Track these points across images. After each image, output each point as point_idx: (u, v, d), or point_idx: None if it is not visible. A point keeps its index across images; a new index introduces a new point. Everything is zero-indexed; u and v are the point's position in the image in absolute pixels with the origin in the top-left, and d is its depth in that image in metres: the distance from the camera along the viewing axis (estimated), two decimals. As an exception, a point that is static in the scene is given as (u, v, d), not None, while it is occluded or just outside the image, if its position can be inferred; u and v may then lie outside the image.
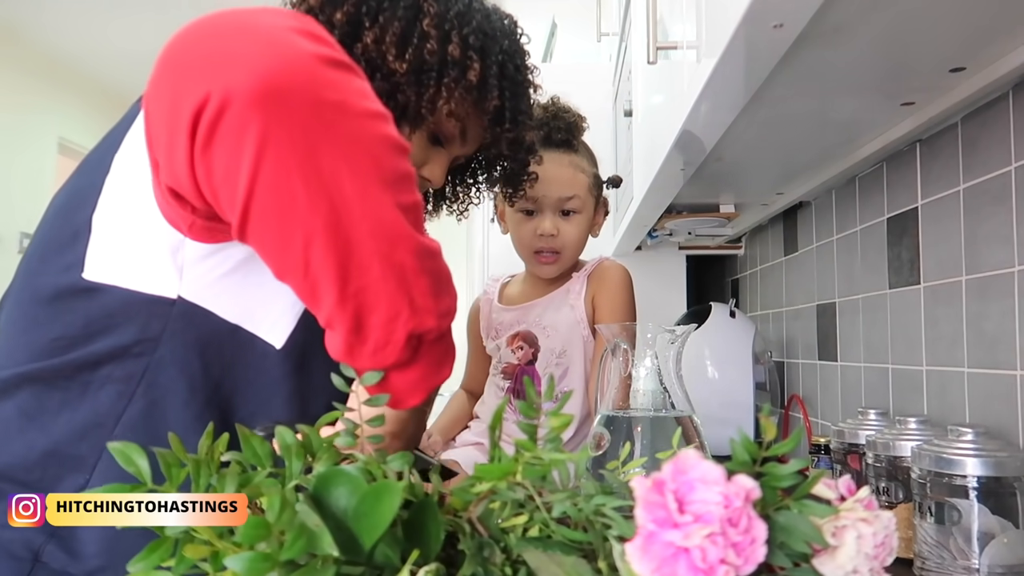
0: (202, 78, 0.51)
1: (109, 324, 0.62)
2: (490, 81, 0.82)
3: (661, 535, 0.35)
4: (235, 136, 0.50)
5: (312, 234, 0.53)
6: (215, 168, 0.52)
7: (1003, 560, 0.71)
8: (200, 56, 0.53)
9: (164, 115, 0.54)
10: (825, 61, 0.80)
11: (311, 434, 0.45)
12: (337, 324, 0.57)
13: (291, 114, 0.51)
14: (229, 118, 0.50)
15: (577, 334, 1.35)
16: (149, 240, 0.62)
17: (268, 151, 0.51)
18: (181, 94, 0.52)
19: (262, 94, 0.50)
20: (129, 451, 0.42)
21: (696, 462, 0.37)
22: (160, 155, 0.55)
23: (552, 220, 1.33)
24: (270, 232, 0.54)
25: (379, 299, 0.56)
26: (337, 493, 0.38)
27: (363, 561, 0.37)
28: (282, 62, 0.51)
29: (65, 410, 0.62)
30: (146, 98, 0.58)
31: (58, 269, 0.64)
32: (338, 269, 0.54)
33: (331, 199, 0.53)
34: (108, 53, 4.68)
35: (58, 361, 0.62)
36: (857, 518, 0.41)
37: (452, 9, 0.79)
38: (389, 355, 0.58)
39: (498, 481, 0.41)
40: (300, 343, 0.67)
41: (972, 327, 0.95)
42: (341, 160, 0.53)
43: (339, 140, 0.53)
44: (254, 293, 0.65)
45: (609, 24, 2.17)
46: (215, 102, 0.50)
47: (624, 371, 0.83)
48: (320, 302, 0.56)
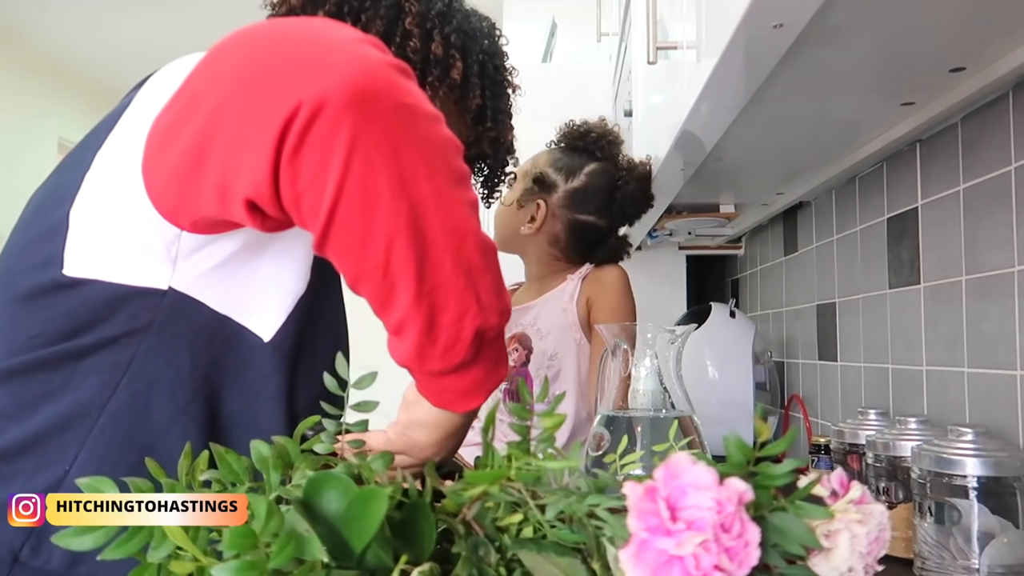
0: (290, 88, 0.53)
1: (94, 318, 0.62)
2: (472, 80, 0.83)
3: (654, 543, 0.35)
4: (326, 140, 0.52)
5: (395, 232, 0.55)
6: (302, 173, 0.53)
7: (1003, 560, 0.71)
8: (282, 67, 0.55)
9: (242, 125, 0.55)
10: (825, 61, 0.80)
11: (288, 444, 0.45)
12: (410, 324, 0.58)
13: (377, 117, 0.53)
14: (321, 123, 0.52)
15: (569, 337, 1.36)
16: (138, 233, 0.62)
17: (358, 152, 0.53)
18: (265, 105, 0.53)
19: (352, 99, 0.52)
20: (98, 484, 0.42)
21: (688, 466, 0.37)
22: (236, 165, 0.55)
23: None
24: (355, 231, 0.55)
25: (450, 296, 0.57)
26: (328, 497, 0.38)
27: (353, 565, 0.37)
28: (366, 70, 0.54)
29: (47, 401, 0.62)
30: (201, 106, 0.58)
31: (35, 266, 0.64)
32: (416, 267, 0.56)
33: (411, 198, 0.55)
34: (108, 53, 4.68)
35: (41, 354, 0.62)
36: (851, 520, 0.41)
37: (433, 9, 0.81)
38: (457, 354, 0.59)
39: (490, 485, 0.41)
40: (289, 337, 0.67)
41: (972, 327, 0.95)
42: (419, 160, 0.55)
43: (415, 141, 0.55)
44: (244, 285, 0.65)
45: (609, 24, 2.17)
46: (307, 109, 0.51)
47: (624, 371, 0.83)
48: (395, 303, 0.57)
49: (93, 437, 0.61)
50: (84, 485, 0.42)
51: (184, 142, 0.58)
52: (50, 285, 0.62)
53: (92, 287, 0.62)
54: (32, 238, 0.65)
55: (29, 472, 0.61)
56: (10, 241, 0.69)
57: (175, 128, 0.60)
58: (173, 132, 0.60)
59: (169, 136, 0.60)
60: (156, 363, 0.63)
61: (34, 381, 0.62)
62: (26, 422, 0.62)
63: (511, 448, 0.44)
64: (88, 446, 0.61)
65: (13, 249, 0.67)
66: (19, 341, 0.63)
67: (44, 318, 0.63)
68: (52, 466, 0.61)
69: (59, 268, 0.62)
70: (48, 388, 0.62)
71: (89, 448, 0.61)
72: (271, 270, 0.66)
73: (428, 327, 0.58)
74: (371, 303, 0.59)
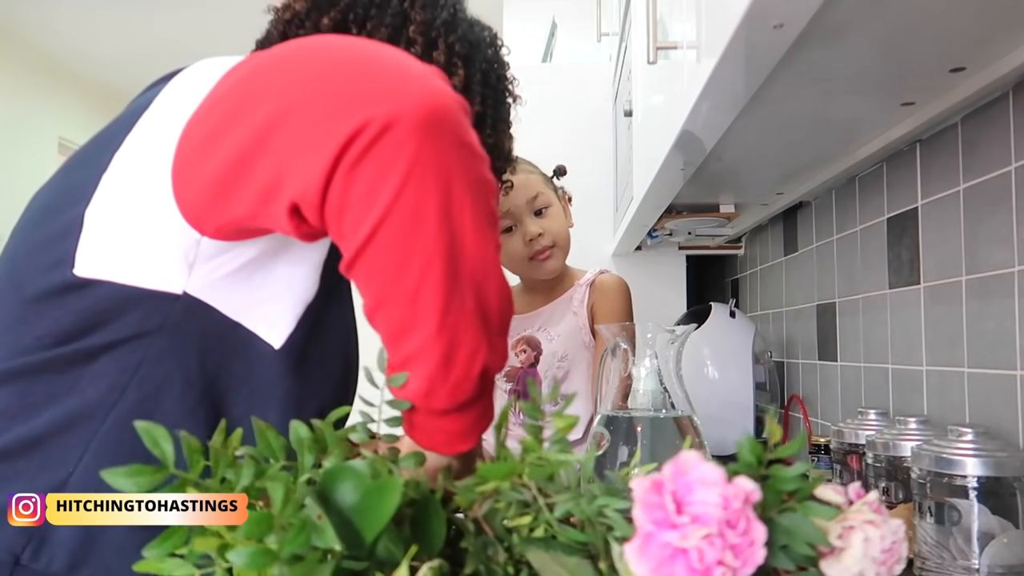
0: (363, 103, 0.54)
1: (103, 319, 0.62)
2: (473, 88, 0.84)
3: (659, 536, 0.35)
4: (389, 156, 0.53)
5: (432, 259, 0.55)
6: (356, 185, 0.53)
7: (1003, 560, 0.71)
8: (357, 86, 0.56)
9: (304, 132, 0.55)
10: (825, 61, 0.80)
11: (324, 429, 0.45)
12: (427, 356, 0.57)
13: (440, 145, 0.54)
14: (388, 140, 0.53)
15: (579, 339, 1.38)
16: (157, 236, 0.62)
17: (415, 174, 0.53)
18: (334, 115, 0.54)
19: (421, 123, 0.53)
20: (156, 434, 0.42)
21: (696, 464, 0.37)
22: (290, 169, 0.55)
23: (532, 222, 1.40)
24: (395, 251, 0.55)
25: (468, 333, 0.57)
26: (343, 488, 0.38)
27: (365, 556, 0.37)
28: (437, 99, 0.55)
29: (51, 403, 0.62)
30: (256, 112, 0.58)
31: (45, 266, 0.63)
32: (446, 297, 0.56)
33: (453, 229, 0.55)
34: (108, 53, 4.68)
35: (47, 355, 0.62)
36: (864, 520, 0.41)
37: (438, 18, 0.81)
38: (465, 391, 0.59)
39: (502, 481, 0.42)
40: (298, 345, 0.67)
41: (972, 327, 0.95)
42: (466, 195, 0.56)
43: (467, 177, 0.56)
44: (257, 292, 0.65)
45: (609, 24, 2.17)
46: (377, 124, 0.52)
47: (624, 371, 0.83)
48: (416, 332, 0.56)
49: (99, 439, 0.61)
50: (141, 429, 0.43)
51: (232, 143, 0.58)
52: (60, 285, 0.62)
53: (103, 288, 0.62)
54: (42, 239, 0.65)
55: (32, 473, 0.61)
56: (15, 242, 0.69)
57: (220, 130, 0.60)
58: (218, 134, 0.60)
59: (212, 138, 0.60)
60: (165, 367, 0.63)
61: (39, 382, 0.62)
62: (29, 422, 0.61)
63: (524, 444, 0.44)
64: (93, 448, 0.61)
65: (20, 250, 0.67)
66: (26, 341, 0.63)
67: (53, 318, 0.62)
68: (55, 468, 0.61)
69: (70, 268, 0.62)
70: (54, 389, 0.62)
71: (94, 450, 0.61)
72: (284, 277, 0.66)
73: (446, 360, 0.57)
74: (388, 330, 0.58)
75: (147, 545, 0.41)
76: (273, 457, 0.44)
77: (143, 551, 0.41)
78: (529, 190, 1.38)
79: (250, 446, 0.45)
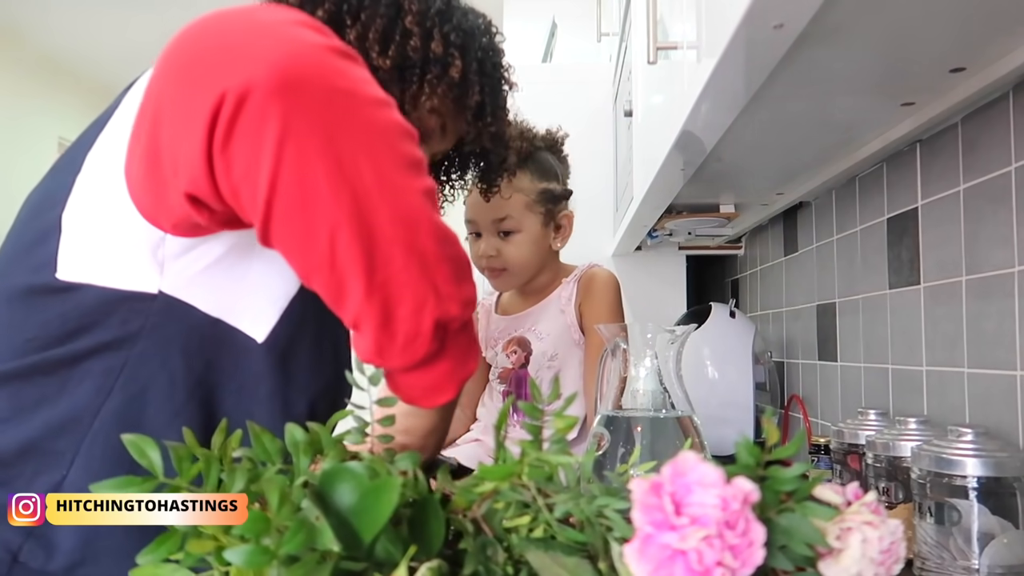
0: (216, 77, 0.51)
1: (87, 322, 0.62)
2: (471, 77, 0.83)
3: (658, 537, 0.35)
4: (255, 129, 0.50)
5: (337, 225, 0.53)
6: (235, 165, 0.52)
7: (1003, 560, 0.71)
8: (209, 56, 0.53)
9: (177, 119, 0.54)
10: (825, 61, 0.79)
11: (320, 432, 0.45)
12: (365, 320, 0.56)
13: (308, 103, 0.51)
14: (248, 112, 0.50)
15: (568, 338, 1.37)
16: (126, 237, 0.62)
17: (289, 141, 0.51)
18: (194, 96, 0.52)
19: (279, 85, 0.50)
20: (142, 444, 0.42)
21: (695, 464, 0.37)
22: (177, 160, 0.54)
23: (489, 241, 1.35)
24: (295, 226, 0.53)
25: (405, 288, 0.55)
26: (341, 489, 0.38)
27: (364, 556, 0.37)
28: (295, 54, 0.52)
29: (43, 406, 0.62)
30: (151, 105, 0.57)
31: (29, 269, 0.63)
32: (364, 260, 0.54)
33: (353, 188, 0.52)
34: (108, 53, 4.68)
35: (36, 358, 0.62)
36: (862, 521, 0.41)
37: (432, 7, 0.80)
38: (419, 348, 0.57)
39: (501, 482, 0.42)
40: (283, 337, 0.66)
41: (972, 327, 0.95)
42: (359, 148, 0.53)
43: (355, 128, 0.53)
44: (235, 286, 0.64)
45: (609, 24, 2.17)
46: (232, 98, 0.50)
47: (624, 371, 0.83)
48: (347, 298, 0.56)
49: (88, 441, 0.61)
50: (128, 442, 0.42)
51: (142, 144, 0.58)
52: (44, 288, 0.62)
53: (85, 292, 0.62)
54: (27, 241, 0.65)
55: (28, 477, 0.61)
56: (8, 242, 0.69)
57: (136, 131, 0.60)
58: (136, 135, 0.60)
59: (134, 139, 0.60)
60: (150, 367, 0.63)
61: (30, 385, 0.62)
62: (22, 427, 0.61)
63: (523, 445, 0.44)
64: (84, 450, 0.61)
65: (9, 251, 0.67)
66: (16, 344, 0.63)
67: (39, 321, 0.62)
68: (49, 471, 0.61)
69: (52, 272, 0.62)
70: (44, 392, 0.62)
71: (85, 452, 0.61)
72: (262, 271, 0.66)
73: (384, 322, 0.56)
74: (325, 297, 0.57)
75: (142, 550, 0.41)
76: (269, 460, 0.44)
77: (137, 557, 0.41)
78: (499, 211, 1.32)
79: (245, 447, 0.45)
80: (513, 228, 1.35)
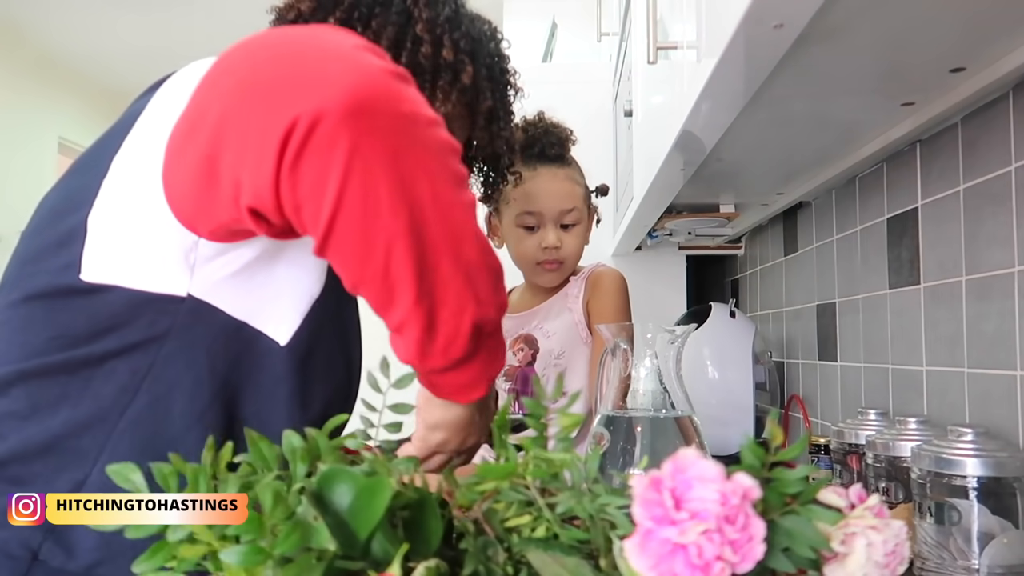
0: (288, 101, 0.53)
1: (115, 323, 0.62)
2: (481, 83, 0.85)
3: (658, 532, 0.36)
4: (325, 151, 0.53)
5: (394, 238, 0.55)
6: (302, 183, 0.54)
7: (1003, 560, 0.71)
8: (281, 80, 0.55)
9: (245, 138, 0.56)
10: (825, 61, 0.80)
11: (318, 438, 0.45)
12: (411, 324, 0.59)
13: (375, 128, 0.54)
14: (319, 135, 0.53)
15: (576, 336, 1.37)
16: (157, 240, 0.63)
17: (356, 162, 0.53)
18: (265, 118, 0.54)
19: (349, 111, 0.53)
20: (125, 471, 0.43)
21: (694, 461, 0.37)
22: (240, 175, 0.56)
23: (555, 233, 1.37)
24: (355, 238, 0.56)
25: (448, 294, 0.59)
26: (339, 491, 0.38)
27: (360, 555, 0.37)
28: (363, 80, 0.54)
29: (64, 405, 0.62)
30: (210, 117, 0.58)
31: (53, 270, 0.64)
32: (416, 270, 0.57)
33: (410, 204, 0.56)
34: (108, 53, 4.68)
35: (59, 357, 0.62)
36: (867, 525, 0.41)
37: (441, 14, 0.82)
38: (457, 349, 0.61)
39: (502, 481, 0.42)
40: (304, 341, 0.68)
41: (972, 327, 0.95)
42: (417, 167, 0.56)
43: (414, 149, 0.56)
44: (261, 291, 0.66)
45: (609, 24, 2.17)
46: (305, 122, 0.52)
47: (624, 371, 0.83)
48: (395, 305, 0.58)
49: (113, 441, 0.62)
50: (112, 472, 0.43)
51: (195, 152, 0.59)
52: (68, 289, 0.63)
53: (112, 293, 0.62)
54: (49, 242, 0.66)
55: (48, 476, 0.61)
56: (25, 242, 0.69)
57: (187, 138, 0.61)
58: (185, 142, 0.61)
59: (182, 146, 0.61)
60: (175, 369, 0.63)
61: (52, 383, 0.63)
62: (43, 424, 0.62)
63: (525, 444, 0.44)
64: (108, 450, 0.61)
65: (29, 251, 0.68)
66: (36, 343, 0.63)
67: (63, 321, 0.63)
68: (71, 469, 0.61)
69: (76, 273, 0.63)
70: (66, 391, 0.62)
71: (109, 452, 0.61)
72: (287, 275, 0.67)
73: (428, 326, 0.59)
74: (372, 304, 0.60)
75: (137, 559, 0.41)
76: (267, 467, 0.44)
77: (133, 566, 0.41)
78: (567, 201, 1.35)
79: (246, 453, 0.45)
80: (576, 220, 1.38)
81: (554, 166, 1.36)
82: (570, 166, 1.39)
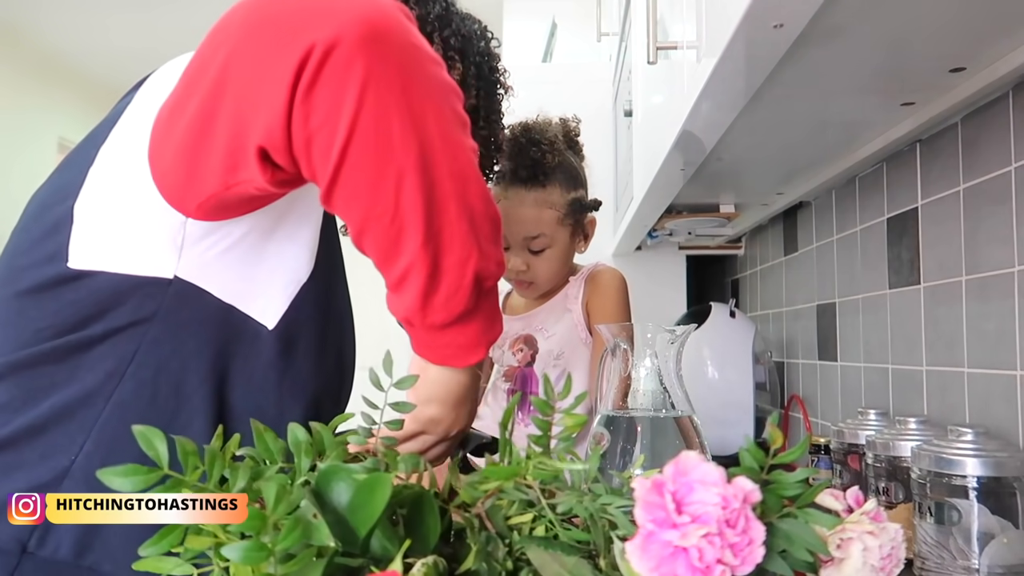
0: (303, 31, 0.53)
1: (100, 309, 0.62)
2: (468, 81, 0.86)
3: (659, 535, 0.36)
4: (340, 76, 0.53)
5: (405, 171, 0.55)
6: (315, 112, 0.53)
7: (1003, 560, 0.71)
8: (293, 14, 0.55)
9: (254, 74, 0.55)
10: (825, 61, 0.80)
11: (323, 432, 0.45)
12: (415, 270, 0.58)
13: (389, 55, 0.54)
14: (335, 60, 0.52)
15: (575, 336, 1.37)
16: (143, 222, 0.63)
17: (370, 89, 0.53)
18: (277, 50, 0.54)
19: (365, 36, 0.53)
20: (150, 435, 0.42)
21: (696, 464, 0.37)
22: (248, 115, 0.55)
23: (520, 257, 1.33)
24: (366, 170, 0.55)
25: (454, 240, 0.58)
26: (338, 488, 0.39)
27: (360, 552, 0.37)
28: (377, 9, 0.55)
29: (51, 392, 0.62)
30: (208, 73, 0.58)
31: (40, 261, 0.64)
32: (425, 209, 0.56)
33: (420, 137, 0.55)
34: (108, 53, 4.68)
35: (47, 347, 0.62)
36: (863, 531, 0.41)
37: (432, 12, 0.82)
38: (459, 302, 0.60)
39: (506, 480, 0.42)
40: (291, 326, 0.68)
41: (972, 327, 0.95)
42: (427, 100, 0.56)
43: (424, 82, 0.56)
44: (249, 272, 0.66)
45: (609, 24, 2.17)
46: (321, 48, 0.52)
47: (624, 371, 0.83)
48: (403, 247, 0.57)
49: (99, 426, 0.62)
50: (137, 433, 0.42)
51: (193, 107, 0.58)
52: (56, 278, 0.63)
53: (98, 279, 0.62)
54: (37, 235, 0.66)
55: (34, 462, 0.61)
56: (14, 239, 0.70)
57: (182, 101, 0.60)
58: (180, 105, 0.60)
59: (176, 110, 0.61)
60: (162, 352, 0.63)
61: (40, 373, 0.63)
62: (31, 412, 0.62)
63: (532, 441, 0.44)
64: (94, 435, 0.61)
65: (19, 246, 0.68)
66: (26, 335, 0.63)
67: (51, 311, 0.63)
68: (58, 456, 0.61)
69: (64, 261, 0.63)
70: (54, 379, 0.62)
71: (95, 437, 0.61)
72: (275, 257, 0.67)
73: (433, 272, 0.58)
74: (377, 251, 0.59)
75: (144, 543, 0.41)
76: (271, 459, 0.44)
77: (139, 550, 0.41)
78: (531, 228, 1.30)
79: (250, 447, 0.45)
80: (544, 245, 1.33)
81: (523, 189, 1.30)
82: (543, 188, 1.31)
